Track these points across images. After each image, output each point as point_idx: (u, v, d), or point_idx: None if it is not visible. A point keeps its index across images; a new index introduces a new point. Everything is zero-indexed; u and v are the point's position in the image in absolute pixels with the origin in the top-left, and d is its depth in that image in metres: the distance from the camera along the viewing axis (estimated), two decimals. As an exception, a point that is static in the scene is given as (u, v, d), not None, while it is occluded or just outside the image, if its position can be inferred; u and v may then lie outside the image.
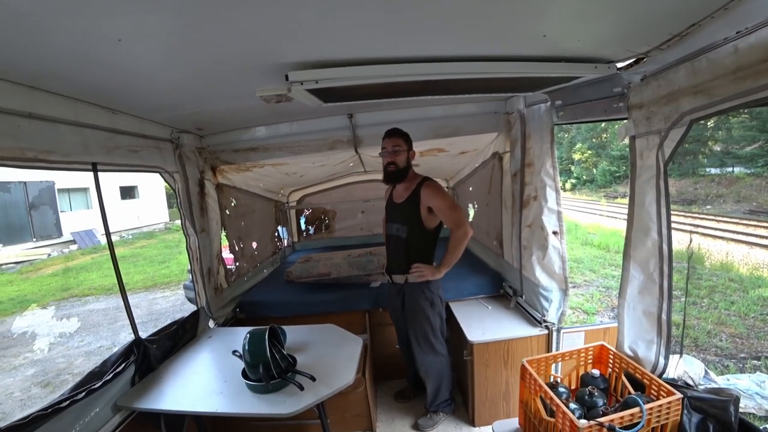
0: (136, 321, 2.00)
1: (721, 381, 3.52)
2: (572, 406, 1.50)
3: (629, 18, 1.16)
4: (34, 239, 13.98)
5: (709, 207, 15.84)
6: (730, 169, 19.32)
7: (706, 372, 3.57)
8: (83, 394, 1.57)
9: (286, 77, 1.37)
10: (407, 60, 1.35)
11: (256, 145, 2.66)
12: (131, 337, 1.97)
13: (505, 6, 1.03)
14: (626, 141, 1.69)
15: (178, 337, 2.24)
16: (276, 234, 4.37)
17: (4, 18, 0.90)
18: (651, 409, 1.36)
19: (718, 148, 19.49)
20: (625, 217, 1.73)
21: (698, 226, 10.79)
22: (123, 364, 1.82)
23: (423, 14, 1.05)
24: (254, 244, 3.58)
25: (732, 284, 6.42)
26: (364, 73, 1.35)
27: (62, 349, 5.46)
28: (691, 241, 8.63)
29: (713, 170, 19.82)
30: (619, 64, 1.54)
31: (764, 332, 4.74)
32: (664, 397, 1.44)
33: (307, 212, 4.98)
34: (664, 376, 1.58)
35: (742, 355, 4.26)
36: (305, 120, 2.59)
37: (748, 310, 5.34)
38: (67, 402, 1.50)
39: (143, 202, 19.64)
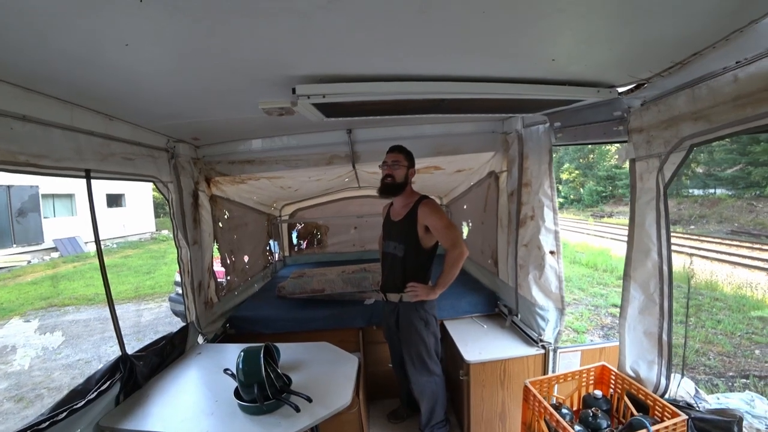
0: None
1: (711, 399, 3.53)
2: (577, 428, 1.48)
3: (634, 44, 1.18)
4: (15, 245, 13.54)
5: (692, 227, 16.21)
6: (712, 191, 19.88)
7: (696, 391, 3.59)
8: (64, 414, 1.49)
9: (293, 90, 1.36)
10: (417, 78, 1.35)
11: (253, 157, 2.63)
12: (113, 350, 1.89)
13: (520, 30, 1.05)
14: (614, 162, 1.71)
15: (166, 353, 2.16)
16: (267, 248, 4.31)
17: (7, 16, 0.87)
18: (658, 431, 1.35)
19: (701, 170, 20.05)
20: (612, 236, 1.75)
21: (681, 245, 11.04)
22: (108, 382, 1.74)
23: (437, 35, 1.06)
24: (246, 258, 3.52)
25: (717, 303, 6.52)
26: (373, 90, 1.35)
27: (38, 361, 5.25)
28: (691, 263, 8.81)
29: (696, 191, 20.35)
30: (620, 89, 1.57)
31: (750, 351, 4.80)
32: (668, 418, 1.43)
33: (299, 226, 4.94)
34: (666, 396, 1.57)
35: (731, 374, 4.29)
36: (303, 134, 2.58)
37: (735, 329, 5.42)
38: (47, 423, 1.42)
39: (130, 211, 19.26)
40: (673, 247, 1.55)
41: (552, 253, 2.22)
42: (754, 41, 1.09)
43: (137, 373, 1.89)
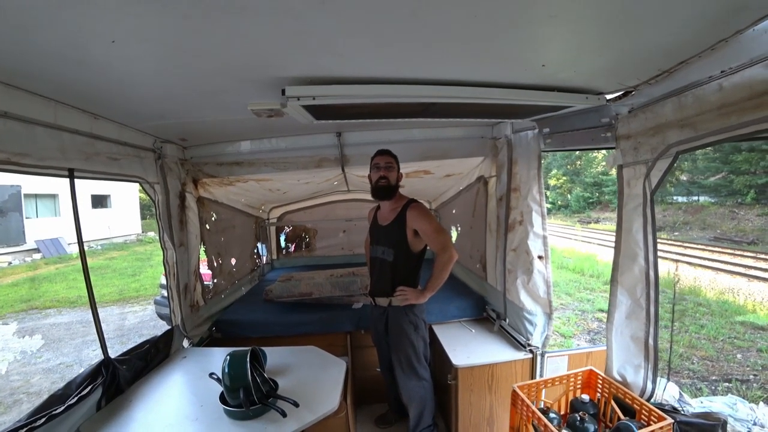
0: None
1: (695, 403, 3.59)
2: (563, 433, 1.48)
3: (623, 51, 1.20)
4: (-5, 246, 13.20)
5: (677, 234, 16.52)
6: (695, 198, 20.32)
7: (680, 395, 3.64)
8: (43, 419, 1.44)
9: (283, 92, 1.34)
10: (409, 81, 1.35)
11: (242, 159, 2.60)
12: (95, 354, 1.84)
13: (511, 34, 1.05)
14: (600, 168, 1.74)
15: (150, 357, 2.11)
16: (255, 251, 4.26)
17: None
18: (643, 436, 1.36)
19: (685, 178, 20.49)
20: (599, 242, 1.77)
21: (666, 251, 11.26)
22: (89, 387, 1.69)
23: (429, 38, 1.06)
24: (233, 261, 3.48)
25: (701, 308, 6.64)
26: (364, 93, 1.34)
27: (17, 365, 5.10)
28: (676, 269, 8.98)
29: (680, 198, 20.79)
30: (609, 96, 1.59)
31: (732, 355, 4.90)
32: (654, 422, 1.44)
33: (287, 229, 4.90)
34: (652, 400, 1.59)
35: (714, 378, 4.37)
36: (293, 136, 2.56)
37: (717, 334, 5.52)
38: (25, 429, 1.37)
39: (115, 212, 18.93)
40: (659, 253, 1.58)
41: (540, 257, 2.23)
42: (739, 51, 1.11)
43: (120, 378, 1.84)
